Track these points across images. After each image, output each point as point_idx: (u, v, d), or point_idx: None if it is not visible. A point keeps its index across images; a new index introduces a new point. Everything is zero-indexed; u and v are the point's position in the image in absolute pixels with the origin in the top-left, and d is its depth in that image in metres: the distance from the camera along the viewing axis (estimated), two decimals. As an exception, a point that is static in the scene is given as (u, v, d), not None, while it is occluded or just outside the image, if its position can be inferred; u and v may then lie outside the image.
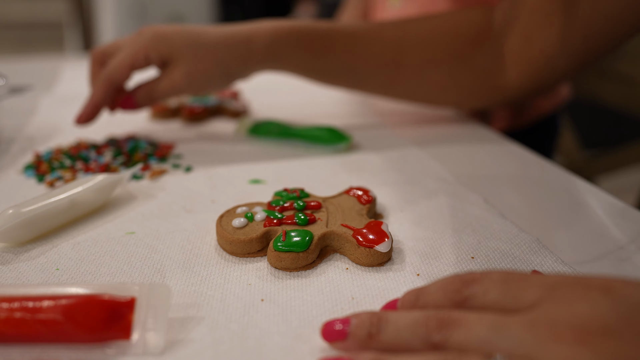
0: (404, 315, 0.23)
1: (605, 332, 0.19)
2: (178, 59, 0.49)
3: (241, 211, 0.35)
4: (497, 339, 0.20)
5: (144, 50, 0.49)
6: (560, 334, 0.20)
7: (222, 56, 0.49)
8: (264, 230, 0.33)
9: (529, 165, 0.48)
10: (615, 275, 0.22)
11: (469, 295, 0.23)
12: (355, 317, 0.24)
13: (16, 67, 0.92)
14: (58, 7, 2.26)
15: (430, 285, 0.25)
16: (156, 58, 0.49)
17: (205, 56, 0.49)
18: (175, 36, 0.49)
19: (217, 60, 0.49)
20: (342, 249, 0.33)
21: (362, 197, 0.37)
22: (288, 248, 0.31)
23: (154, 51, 0.49)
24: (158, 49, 0.49)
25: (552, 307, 0.21)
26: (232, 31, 0.50)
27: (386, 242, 0.32)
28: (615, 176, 1.21)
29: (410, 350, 0.22)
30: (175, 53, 0.49)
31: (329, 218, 0.35)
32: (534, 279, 0.22)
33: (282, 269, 0.31)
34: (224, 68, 0.50)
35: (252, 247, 0.33)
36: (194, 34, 0.49)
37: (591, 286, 0.21)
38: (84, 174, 0.45)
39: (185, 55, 0.49)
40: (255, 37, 0.50)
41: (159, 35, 0.49)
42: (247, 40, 0.49)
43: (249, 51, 0.50)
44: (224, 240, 0.33)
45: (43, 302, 0.24)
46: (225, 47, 0.49)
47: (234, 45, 0.49)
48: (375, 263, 0.32)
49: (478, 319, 0.21)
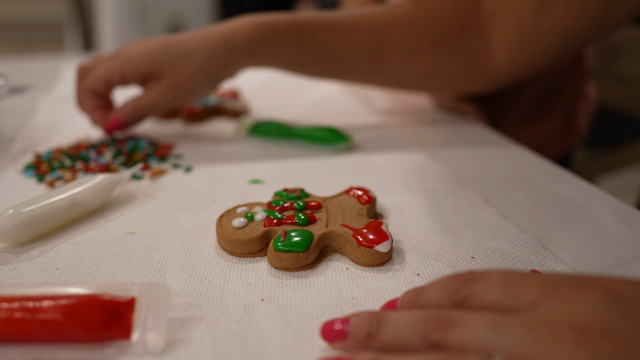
0: (404, 315, 0.23)
1: (605, 332, 0.19)
2: (159, 73, 0.49)
3: (241, 211, 0.35)
4: (496, 338, 0.20)
5: (119, 68, 0.49)
6: (559, 335, 0.20)
7: (203, 61, 0.49)
8: (264, 230, 0.33)
9: (529, 166, 0.48)
10: (615, 275, 0.22)
11: (468, 295, 0.23)
12: (355, 316, 0.24)
13: (16, 67, 0.92)
14: (58, 7, 2.26)
15: (429, 285, 0.25)
16: (134, 76, 0.49)
17: (186, 65, 0.48)
18: (153, 51, 0.49)
19: (199, 67, 0.49)
20: (342, 249, 0.33)
21: (362, 197, 0.37)
22: (288, 248, 0.31)
23: (130, 69, 0.49)
24: (135, 67, 0.49)
25: (551, 307, 0.21)
26: (209, 34, 0.49)
27: (386, 242, 0.32)
28: (615, 176, 1.21)
29: (409, 350, 0.22)
30: (155, 67, 0.49)
31: (329, 218, 0.35)
32: (533, 278, 0.22)
33: (282, 269, 0.31)
34: (206, 73, 0.49)
35: (252, 247, 0.33)
36: (171, 44, 0.49)
37: (590, 286, 0.21)
38: (84, 174, 0.45)
39: (165, 68, 0.49)
40: (233, 37, 0.49)
41: (135, 54, 0.49)
42: (226, 41, 0.49)
43: (229, 52, 0.49)
44: (224, 240, 0.33)
45: (43, 302, 0.24)
46: (204, 52, 0.48)
47: (213, 48, 0.48)
48: (375, 263, 0.32)
49: (477, 318, 0.21)
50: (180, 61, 0.48)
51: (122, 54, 0.50)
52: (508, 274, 0.23)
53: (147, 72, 0.49)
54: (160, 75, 0.49)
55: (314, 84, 0.78)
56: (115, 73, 0.49)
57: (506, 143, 0.54)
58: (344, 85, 0.78)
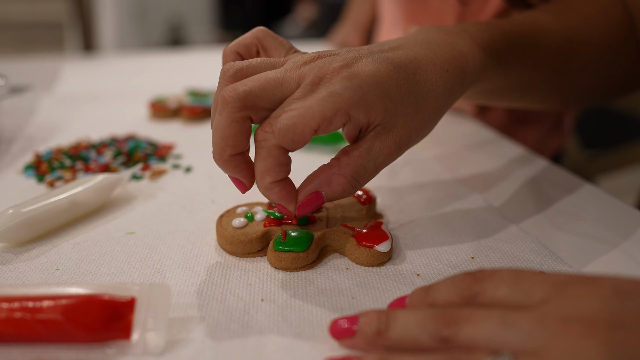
0: (413, 312, 0.23)
1: (615, 325, 0.19)
2: (395, 120, 0.31)
3: (241, 211, 0.35)
4: (505, 333, 0.21)
5: (345, 109, 0.28)
6: (569, 328, 0.20)
7: (441, 102, 0.33)
8: (264, 230, 0.33)
9: (529, 165, 0.48)
10: (623, 275, 0.22)
11: (479, 292, 0.23)
12: (364, 315, 0.24)
13: (16, 67, 0.92)
14: (58, 7, 2.26)
15: (440, 282, 0.25)
16: (362, 122, 0.30)
17: (426, 107, 0.32)
18: (392, 84, 0.30)
19: (437, 110, 0.33)
20: (342, 249, 0.33)
21: (361, 197, 0.37)
22: (288, 248, 0.31)
23: (363, 113, 0.29)
24: (369, 110, 0.29)
25: (561, 303, 0.21)
26: (439, 56, 0.33)
27: (386, 242, 0.32)
28: (615, 176, 1.21)
29: (418, 347, 0.23)
30: (393, 110, 0.30)
31: (329, 218, 0.35)
32: (543, 276, 0.22)
33: (282, 269, 0.31)
34: (441, 113, 0.34)
35: (252, 247, 0.33)
36: (411, 72, 0.32)
37: (600, 284, 0.21)
38: (84, 174, 0.45)
39: (404, 113, 0.31)
40: (467, 62, 0.34)
41: (369, 84, 0.29)
42: (462, 70, 0.34)
43: (462, 85, 0.34)
44: (224, 240, 0.33)
45: (43, 302, 0.24)
46: (444, 89, 0.33)
47: (451, 82, 0.33)
48: (375, 263, 0.32)
49: (487, 314, 0.21)
50: (421, 103, 0.32)
51: (345, 77, 0.29)
52: (519, 272, 0.23)
53: (379, 120, 0.30)
54: (393, 123, 0.31)
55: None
56: (339, 117, 0.29)
57: (506, 143, 0.54)
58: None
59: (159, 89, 0.74)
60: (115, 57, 1.12)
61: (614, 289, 0.21)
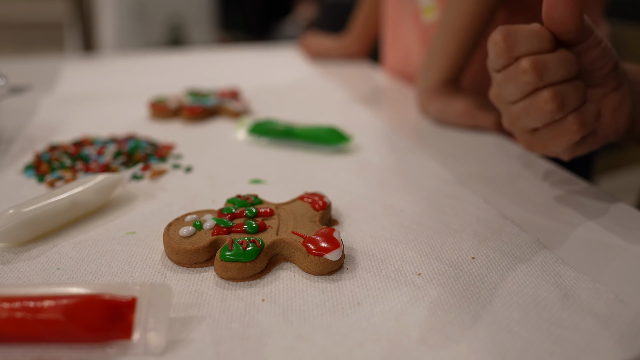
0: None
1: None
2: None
3: (190, 219, 0.34)
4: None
5: None
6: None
7: None
8: (212, 239, 0.32)
9: (529, 165, 0.48)
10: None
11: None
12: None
13: (16, 67, 0.92)
14: (58, 7, 2.25)
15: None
16: None
17: None
18: None
19: None
20: (292, 257, 0.32)
21: (316, 203, 0.36)
22: (235, 257, 0.30)
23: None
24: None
25: None
26: None
27: (336, 250, 0.30)
28: (615, 176, 1.21)
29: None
30: None
31: (280, 225, 0.33)
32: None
33: (228, 279, 0.30)
34: None
35: (199, 256, 0.31)
36: None
37: None
38: (84, 174, 0.45)
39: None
40: None
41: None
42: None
43: None
44: (170, 249, 0.32)
45: (44, 302, 0.24)
46: None
47: None
48: (325, 272, 0.30)
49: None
50: None
51: None
52: None
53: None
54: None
55: (314, 84, 0.78)
56: None
57: (506, 143, 0.54)
58: (344, 85, 0.78)
59: (159, 89, 0.74)
60: (115, 57, 1.12)
61: None
